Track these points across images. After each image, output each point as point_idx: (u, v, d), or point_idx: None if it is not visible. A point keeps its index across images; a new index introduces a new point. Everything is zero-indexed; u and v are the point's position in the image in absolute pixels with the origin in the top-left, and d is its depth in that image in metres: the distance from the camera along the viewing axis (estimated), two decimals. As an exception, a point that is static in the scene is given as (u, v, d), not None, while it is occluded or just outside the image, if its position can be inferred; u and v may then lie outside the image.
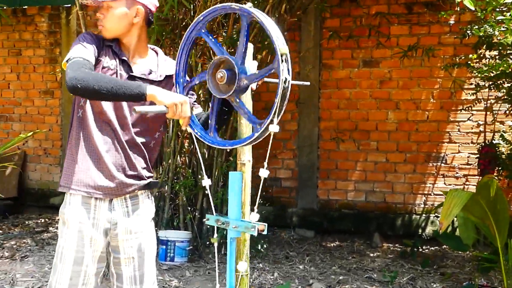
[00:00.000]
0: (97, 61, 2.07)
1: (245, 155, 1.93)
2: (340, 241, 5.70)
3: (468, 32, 4.21)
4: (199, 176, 5.18)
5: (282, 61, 1.68)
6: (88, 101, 2.09)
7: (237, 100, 1.85)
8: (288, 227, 6.04)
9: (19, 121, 7.21)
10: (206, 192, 5.16)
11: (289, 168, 6.13)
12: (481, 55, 4.54)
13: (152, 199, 2.34)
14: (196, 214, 5.20)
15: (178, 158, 5.30)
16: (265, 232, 1.83)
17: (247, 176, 1.92)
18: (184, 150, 5.35)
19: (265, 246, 5.21)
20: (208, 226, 5.15)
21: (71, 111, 2.16)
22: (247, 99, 1.94)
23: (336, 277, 4.45)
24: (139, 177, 2.20)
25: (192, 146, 5.36)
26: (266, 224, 1.83)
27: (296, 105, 6.02)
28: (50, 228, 6.15)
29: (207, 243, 5.14)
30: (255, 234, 1.79)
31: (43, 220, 6.52)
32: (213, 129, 1.92)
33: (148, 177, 2.24)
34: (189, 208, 5.30)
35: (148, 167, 2.25)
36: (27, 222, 6.34)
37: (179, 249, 4.69)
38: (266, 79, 2.15)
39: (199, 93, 5.04)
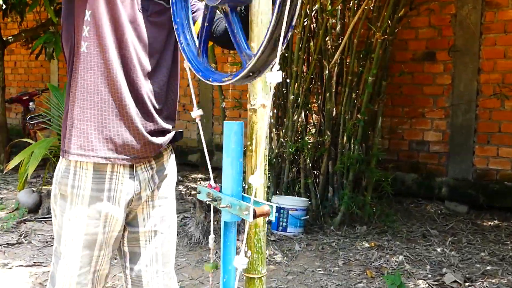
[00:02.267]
0: None
1: (257, 96, 1.26)
2: (500, 220, 4.64)
3: None
4: (325, 136, 4.52)
5: None
6: (96, 30, 1.50)
7: (231, 13, 1.18)
8: (435, 199, 5.12)
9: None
10: (332, 155, 4.50)
11: (439, 129, 5.14)
12: None
13: (173, 154, 1.80)
14: (320, 179, 4.57)
15: (302, 114, 4.68)
16: (272, 218, 1.17)
17: (259, 129, 1.25)
18: (309, 105, 4.71)
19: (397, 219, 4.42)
20: (330, 194, 4.50)
21: (65, 48, 1.58)
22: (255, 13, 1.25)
23: (481, 266, 3.53)
24: (165, 131, 1.66)
25: (319, 101, 4.69)
26: (274, 206, 1.17)
27: (450, 53, 4.98)
28: (187, 183, 6.01)
29: (331, 212, 4.50)
30: (250, 219, 1.14)
31: (180, 178, 6.39)
32: (202, 50, 1.28)
33: (173, 128, 1.70)
34: (314, 172, 4.69)
35: (173, 115, 1.71)
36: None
37: (293, 218, 4.12)
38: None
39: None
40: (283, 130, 4.61)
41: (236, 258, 1.18)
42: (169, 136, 1.67)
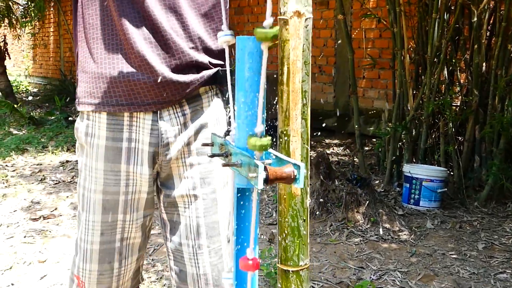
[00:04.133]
0: None
1: (289, 0, 0.83)
2: None
3: None
4: (472, 96, 3.83)
5: None
6: None
7: None
8: None
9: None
10: (480, 119, 3.82)
11: None
12: None
13: (223, 99, 1.40)
14: (464, 146, 3.91)
15: (445, 71, 4.02)
16: (299, 185, 0.76)
17: (293, 50, 0.83)
18: (453, 60, 4.03)
19: None
20: (476, 164, 3.82)
21: None
22: None
23: None
24: (199, 66, 1.28)
25: (465, 55, 3.99)
26: (301, 166, 0.75)
27: None
28: (319, 148, 5.63)
29: (476, 185, 3.83)
30: (259, 186, 0.73)
31: (313, 143, 6.02)
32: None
33: (216, 65, 1.31)
34: (458, 138, 4.04)
35: (215, 44, 1.30)
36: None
37: (427, 190, 3.55)
38: None
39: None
40: (422, 90, 4.00)
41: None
42: (206, 73, 1.28)
